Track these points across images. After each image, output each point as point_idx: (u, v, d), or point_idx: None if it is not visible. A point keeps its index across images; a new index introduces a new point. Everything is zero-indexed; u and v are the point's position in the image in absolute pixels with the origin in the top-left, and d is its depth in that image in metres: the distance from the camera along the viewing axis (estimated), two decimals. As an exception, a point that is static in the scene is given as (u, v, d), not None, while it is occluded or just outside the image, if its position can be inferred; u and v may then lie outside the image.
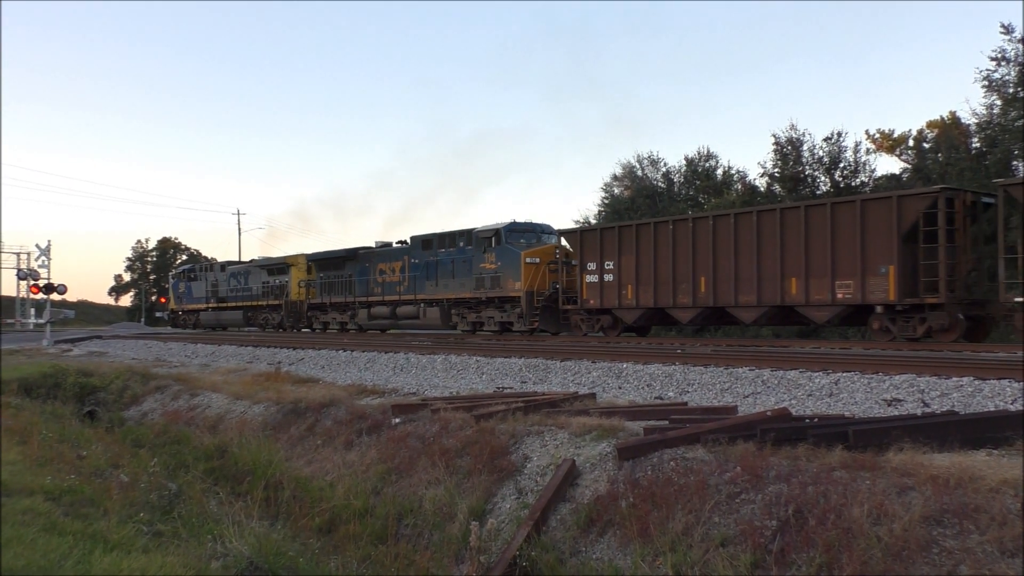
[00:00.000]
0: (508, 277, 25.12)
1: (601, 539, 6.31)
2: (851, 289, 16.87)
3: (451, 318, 27.65)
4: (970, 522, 4.67)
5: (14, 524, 5.72)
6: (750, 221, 18.81)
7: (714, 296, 19.39)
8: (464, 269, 26.82)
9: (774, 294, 18.18)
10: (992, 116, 27.53)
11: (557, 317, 24.23)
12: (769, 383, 10.82)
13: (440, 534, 7.43)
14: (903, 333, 16.56)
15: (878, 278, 16.47)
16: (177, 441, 12.19)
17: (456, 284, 27.19)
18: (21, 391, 16.49)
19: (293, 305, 36.00)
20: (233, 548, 6.28)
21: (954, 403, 8.75)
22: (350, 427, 10.54)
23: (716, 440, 6.60)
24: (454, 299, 27.35)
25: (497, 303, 25.83)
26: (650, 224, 21.23)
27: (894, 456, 5.64)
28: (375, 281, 31.16)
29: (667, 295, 20.39)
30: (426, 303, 28.48)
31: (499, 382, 13.63)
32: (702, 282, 19.58)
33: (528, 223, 26.55)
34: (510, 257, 25.06)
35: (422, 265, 28.64)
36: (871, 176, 32.37)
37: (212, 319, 42.60)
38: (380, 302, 30.80)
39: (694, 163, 40.67)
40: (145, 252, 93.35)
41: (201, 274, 44.80)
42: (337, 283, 33.45)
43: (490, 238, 25.95)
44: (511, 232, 25.78)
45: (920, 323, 16.28)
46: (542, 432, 8.21)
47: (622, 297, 21.57)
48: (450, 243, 27.76)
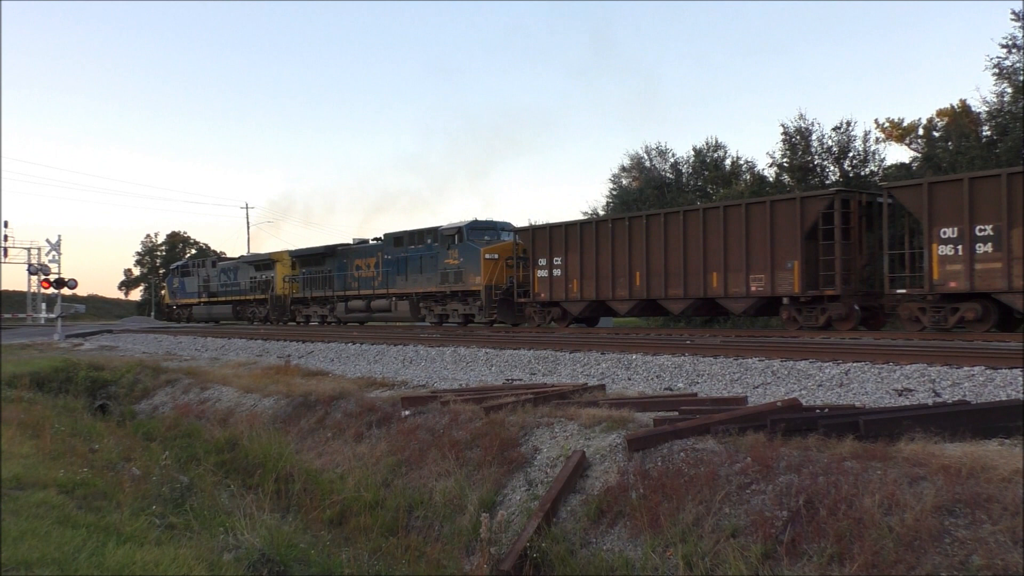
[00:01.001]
0: (469, 272, 26.72)
1: (611, 530, 6.31)
2: (763, 283, 18.69)
3: (420, 311, 29.42)
4: (982, 512, 4.66)
5: (28, 517, 5.77)
6: (678, 221, 20.59)
7: (647, 289, 21.27)
8: (431, 265, 28.54)
9: (698, 287, 20.03)
10: (1003, 104, 27.31)
11: (513, 309, 25.96)
12: (779, 373, 10.79)
13: (450, 526, 7.44)
14: (807, 322, 18.32)
15: (785, 272, 18.28)
16: (188, 434, 12.25)
17: (424, 279, 28.91)
18: (33, 385, 16.59)
19: (278, 299, 37.93)
20: (245, 540, 6.31)
21: (965, 392, 8.70)
22: (360, 420, 10.57)
23: (726, 431, 6.59)
24: (422, 293, 29.05)
25: (461, 296, 27.45)
26: (592, 223, 23.27)
27: (905, 446, 5.62)
28: (352, 276, 32.88)
29: (607, 288, 22.27)
30: (397, 297, 30.25)
31: (508, 374, 13.64)
32: (637, 276, 21.51)
33: (488, 221, 28.36)
34: (471, 253, 26.67)
35: (394, 261, 30.36)
36: (880, 165, 32.21)
37: (204, 313, 44.49)
38: (356, 296, 32.58)
39: (702, 153, 40.52)
40: (154, 246, 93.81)
41: (194, 270, 46.56)
42: (318, 278, 35.21)
43: (453, 236, 27.65)
44: (472, 230, 27.48)
45: (821, 313, 18.13)
46: (552, 424, 8.21)
47: (568, 291, 23.46)
48: (419, 240, 29.43)
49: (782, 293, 18.44)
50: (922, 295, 16.62)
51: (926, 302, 16.61)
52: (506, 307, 25.92)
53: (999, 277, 15.31)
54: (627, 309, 22.33)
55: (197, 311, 45.18)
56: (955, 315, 16.18)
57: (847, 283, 17.77)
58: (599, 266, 22.55)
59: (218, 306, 43.42)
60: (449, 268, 27.69)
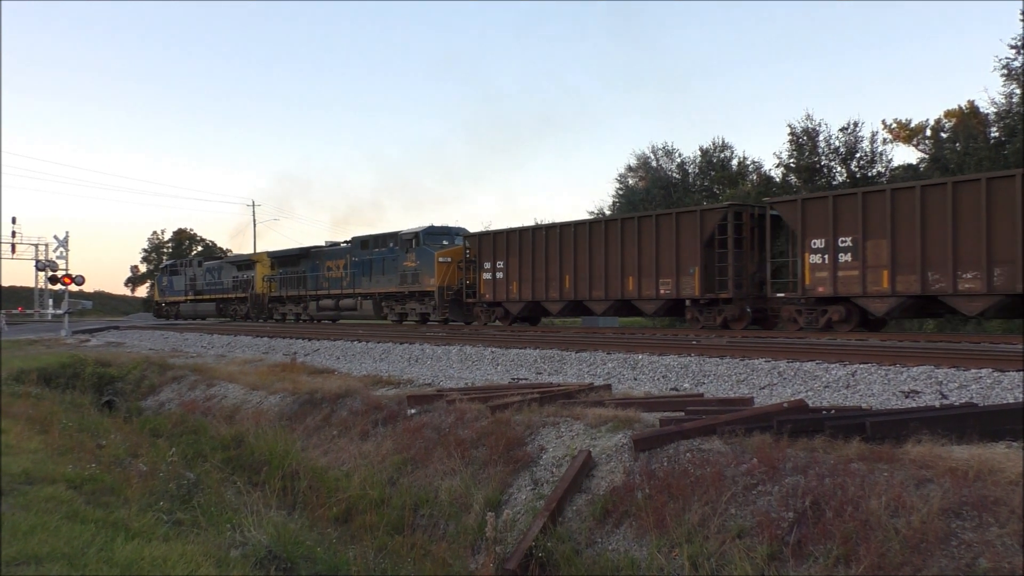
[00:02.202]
0: (425, 274, 28.71)
1: (617, 530, 6.32)
2: (670, 286, 20.74)
3: (382, 309, 31.53)
4: (989, 515, 4.65)
5: (38, 512, 5.80)
6: (600, 230, 22.67)
7: (575, 291, 23.29)
8: (392, 267, 30.54)
9: (617, 290, 22.01)
10: (1011, 105, 27.19)
11: (464, 309, 28.00)
12: (785, 374, 10.78)
13: (456, 525, 7.46)
14: (707, 322, 20.37)
15: (688, 277, 20.34)
16: (194, 431, 12.29)
17: (385, 280, 30.94)
18: (41, 381, 16.68)
19: (257, 298, 40.19)
20: (252, 537, 6.34)
21: (973, 395, 8.68)
22: (366, 418, 10.59)
23: (732, 431, 6.58)
24: (384, 293, 31.11)
25: (418, 296, 29.48)
26: (529, 230, 25.43)
27: (912, 448, 5.62)
28: (323, 277, 34.97)
29: (542, 290, 24.35)
30: (362, 296, 32.36)
31: (514, 373, 13.65)
32: (567, 280, 23.58)
33: (444, 227, 30.48)
34: (426, 257, 28.61)
35: (360, 263, 32.43)
36: (888, 166, 32.09)
37: (190, 310, 46.61)
38: (327, 295, 34.63)
39: (709, 154, 40.45)
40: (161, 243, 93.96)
41: (182, 269, 48.94)
42: (293, 278, 37.39)
43: (411, 240, 29.59)
44: (428, 235, 29.49)
45: (719, 313, 20.16)
46: (558, 423, 8.22)
47: (509, 292, 25.57)
48: (382, 244, 31.50)
49: (685, 295, 20.51)
50: (797, 298, 18.70)
51: (801, 305, 18.68)
52: (457, 307, 27.96)
53: (856, 283, 17.44)
54: (558, 309, 24.47)
55: (184, 308, 47.30)
56: (824, 316, 18.25)
57: (739, 287, 19.78)
58: (535, 270, 24.60)
59: (203, 304, 45.50)
60: (408, 270, 29.57)
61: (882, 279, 17.08)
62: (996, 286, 15.40)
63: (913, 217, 16.52)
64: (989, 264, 15.55)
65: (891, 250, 16.86)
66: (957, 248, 15.87)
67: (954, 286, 15.97)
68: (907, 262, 16.66)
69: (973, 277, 15.75)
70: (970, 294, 15.93)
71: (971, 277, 15.79)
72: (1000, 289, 15.43)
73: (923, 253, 16.39)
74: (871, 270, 17.22)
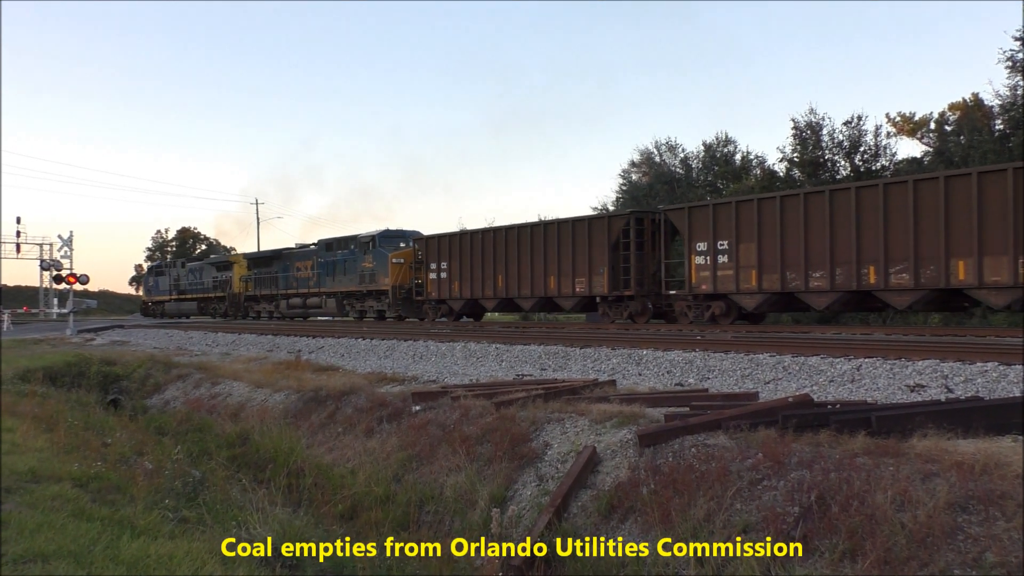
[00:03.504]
0: (380, 274, 31.40)
1: (622, 526, 6.31)
2: (584, 285, 23.29)
3: (344, 307, 33.96)
4: (996, 509, 4.63)
5: (44, 510, 5.81)
6: (526, 234, 25.34)
7: (507, 290, 25.95)
8: (352, 268, 33.16)
9: (540, 288, 24.70)
10: (1016, 97, 27.10)
11: (413, 306, 30.50)
12: (790, 369, 10.76)
13: (461, 521, 7.46)
14: (615, 317, 22.86)
15: (599, 276, 22.75)
16: (199, 429, 12.31)
17: (347, 280, 33.58)
18: (46, 380, 16.71)
19: (234, 297, 42.81)
20: (257, 534, 6.34)
21: (979, 389, 8.66)
22: (370, 414, 10.60)
23: (737, 426, 6.57)
24: (345, 292, 33.66)
25: (375, 295, 32.07)
26: (468, 234, 27.87)
27: (918, 442, 5.60)
28: (293, 277, 37.61)
29: (479, 289, 27.02)
30: (327, 295, 34.93)
31: (519, 369, 13.65)
32: (499, 279, 26.22)
33: (399, 230, 33.11)
34: (381, 258, 31.29)
35: (325, 264, 34.95)
36: (892, 160, 32.00)
37: (174, 309, 49.53)
38: (296, 294, 37.29)
39: (712, 148, 40.37)
40: (165, 242, 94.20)
41: (167, 270, 52.00)
42: (266, 278, 40.14)
43: (368, 243, 32.26)
44: (384, 238, 32.07)
45: (624, 309, 22.64)
46: (562, 419, 8.22)
47: (451, 290, 28.29)
48: (344, 246, 34.07)
49: (596, 293, 23.03)
50: (686, 295, 21.17)
51: (690, 300, 21.14)
52: (409, 304, 30.56)
53: (731, 282, 19.90)
54: (493, 306, 27.26)
55: (169, 307, 50.13)
56: (708, 311, 20.66)
57: (641, 285, 22.33)
58: (473, 270, 27.22)
59: (186, 303, 48.26)
60: (365, 271, 32.26)
61: (752, 278, 19.47)
62: (837, 284, 18.00)
63: (775, 224, 19.01)
64: (832, 265, 18.03)
65: (758, 253, 19.32)
66: (808, 251, 18.43)
67: (806, 284, 18.50)
68: (770, 263, 19.12)
69: (820, 276, 18.27)
70: (818, 291, 18.39)
71: (819, 276, 18.31)
72: (840, 287, 17.98)
73: (782, 256, 18.87)
74: (743, 270, 19.62)
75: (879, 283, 17.30)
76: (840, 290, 17.96)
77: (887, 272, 17.15)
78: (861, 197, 17.64)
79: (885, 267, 17.16)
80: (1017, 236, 15.21)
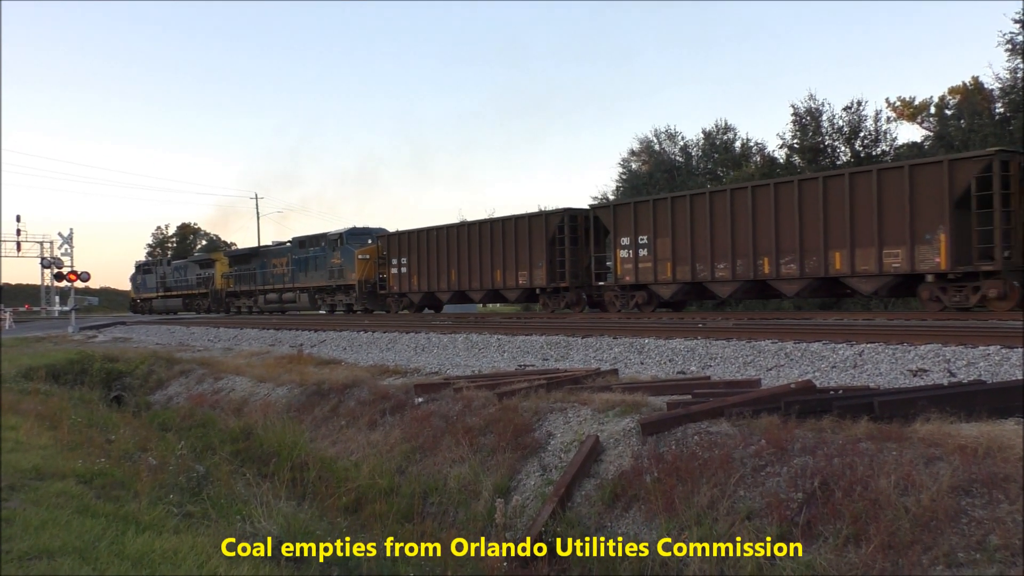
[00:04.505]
0: (348, 270, 33.41)
1: (626, 514, 6.32)
2: (526, 277, 25.59)
3: (316, 302, 35.93)
4: (999, 492, 4.64)
5: (48, 506, 5.82)
6: (475, 231, 27.65)
7: (458, 283, 28.22)
8: (323, 264, 35.16)
9: (488, 281, 27.00)
10: (1016, 80, 27.00)
11: (378, 299, 32.56)
12: (792, 355, 10.76)
13: (465, 511, 7.48)
14: (554, 307, 25.04)
15: (539, 270, 25.05)
16: (203, 424, 12.33)
17: (318, 276, 35.63)
18: (49, 377, 16.73)
19: (216, 293, 44.80)
20: (262, 528, 6.35)
21: (981, 372, 8.65)
22: (373, 407, 10.61)
23: (740, 414, 6.57)
24: (316, 287, 35.71)
25: (344, 289, 34.07)
26: (424, 231, 30.05)
27: (921, 426, 5.60)
28: (270, 274, 39.59)
29: (435, 283, 29.36)
30: (300, 290, 36.99)
31: (521, 360, 13.65)
32: (452, 274, 28.53)
33: (365, 228, 35.17)
34: (348, 255, 33.37)
35: (298, 261, 36.99)
36: (892, 145, 31.91)
37: (161, 305, 51.59)
38: (272, 290, 39.36)
39: (712, 136, 40.27)
40: (165, 238, 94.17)
41: (154, 268, 54.18)
42: (246, 275, 42.09)
43: (336, 240, 34.28)
44: (351, 235, 34.21)
45: (561, 299, 24.91)
46: (565, 409, 8.22)
47: (411, 284, 30.53)
48: (315, 243, 36.04)
49: (536, 285, 25.27)
50: (613, 286, 23.02)
51: (616, 291, 22.87)
52: (373, 298, 32.50)
53: (650, 273, 21.87)
54: (447, 298, 29.60)
55: (156, 304, 52.26)
56: (632, 300, 22.47)
57: (575, 277, 24.41)
58: (430, 266, 29.48)
59: (172, 299, 50.29)
60: (335, 267, 34.19)
61: (667, 270, 21.40)
62: (738, 274, 19.86)
63: (686, 221, 20.93)
64: (733, 257, 19.91)
65: (672, 247, 21.23)
66: (713, 244, 20.28)
67: (712, 275, 20.37)
68: (683, 256, 21.01)
69: (724, 267, 20.12)
70: (723, 281, 20.24)
71: (723, 267, 20.16)
72: (741, 276, 19.80)
73: (692, 249, 20.76)
74: (660, 263, 21.60)
75: (772, 273, 19.20)
76: (740, 279, 19.83)
77: (779, 263, 19.03)
78: (756, 195, 19.54)
79: (777, 258, 19.05)
80: (881, 230, 17.20)
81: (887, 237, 17.10)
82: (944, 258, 16.26)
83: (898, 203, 16.89)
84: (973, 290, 16.31)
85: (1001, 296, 15.88)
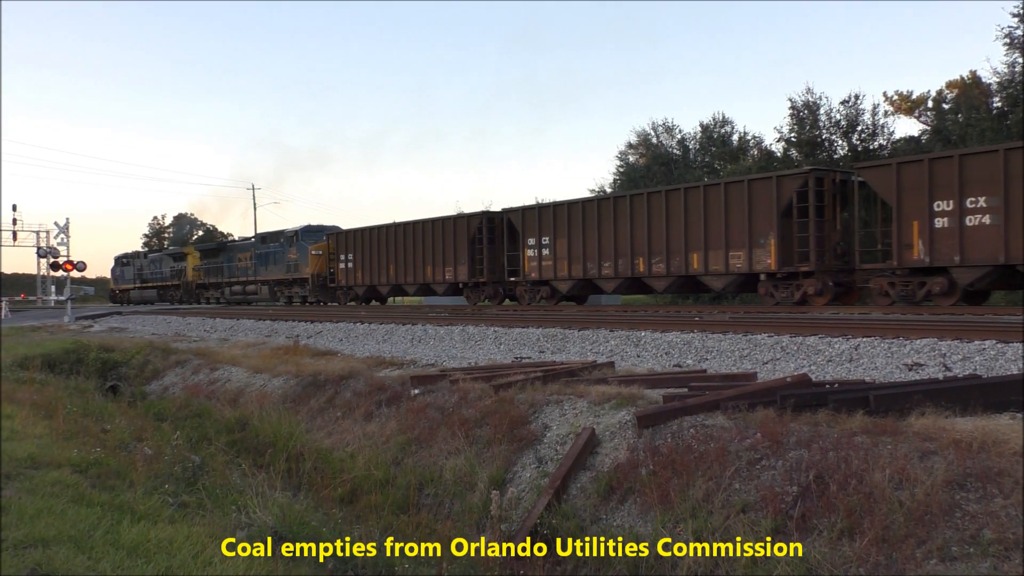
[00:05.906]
0: (303, 264, 36.15)
1: (622, 507, 6.33)
2: (452, 273, 28.31)
3: (276, 294, 38.65)
4: (993, 486, 4.65)
5: (44, 496, 5.82)
6: (409, 230, 30.34)
7: (395, 277, 31.01)
8: (281, 258, 37.78)
9: (421, 276, 29.82)
10: (1014, 75, 26.99)
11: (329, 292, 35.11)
12: (788, 349, 10.77)
13: (461, 503, 7.48)
14: (475, 300, 27.73)
15: (462, 266, 27.79)
16: (198, 414, 12.32)
17: (276, 269, 38.27)
18: (45, 367, 16.71)
19: (188, 285, 47.45)
20: (257, 518, 6.36)
21: (976, 367, 8.68)
22: (369, 399, 10.61)
23: (736, 407, 6.58)
24: (275, 280, 38.46)
25: (299, 283, 36.79)
26: (367, 229, 32.77)
27: (916, 421, 5.61)
28: (236, 267, 42.02)
29: (376, 277, 32.14)
30: (261, 283, 39.73)
31: (517, 352, 13.65)
32: (391, 268, 31.32)
33: (319, 225, 37.59)
34: (303, 251, 36.10)
35: (260, 255, 39.52)
36: (889, 139, 31.90)
37: (138, 296, 54.05)
38: (237, 282, 41.92)
39: (709, 129, 40.25)
40: (162, 228, 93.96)
41: (132, 261, 56.49)
42: (214, 268, 44.47)
43: (292, 236, 36.94)
44: (306, 232, 36.72)
45: (482, 293, 27.63)
46: (561, 401, 8.23)
47: (356, 278, 33.30)
48: (274, 239, 38.63)
49: (460, 280, 28.03)
50: (522, 281, 25.93)
51: (526, 286, 25.87)
52: (325, 290, 35.07)
53: (552, 271, 24.59)
54: (387, 291, 32.38)
55: (133, 294, 54.68)
56: (538, 294, 25.35)
57: (493, 273, 27.11)
58: (371, 261, 32.20)
59: (148, 291, 52.80)
60: (291, 261, 36.89)
61: (565, 267, 24.11)
62: (620, 272, 22.55)
63: (579, 224, 23.62)
64: (616, 257, 22.61)
65: (568, 247, 23.91)
66: (600, 246, 22.98)
67: (600, 272, 23.12)
68: (577, 255, 23.69)
69: (608, 266, 22.84)
70: (607, 278, 22.94)
71: (607, 266, 22.87)
72: (622, 274, 22.51)
73: (584, 249, 23.44)
74: (559, 261, 24.28)
75: (646, 271, 21.88)
76: (622, 276, 22.51)
77: (650, 262, 21.71)
78: (633, 204, 22.11)
79: (649, 258, 21.73)
80: (728, 235, 19.84)
81: (732, 241, 19.80)
82: (773, 260, 19.02)
83: (740, 212, 19.60)
84: (796, 287, 19.00)
85: (818, 292, 18.65)
